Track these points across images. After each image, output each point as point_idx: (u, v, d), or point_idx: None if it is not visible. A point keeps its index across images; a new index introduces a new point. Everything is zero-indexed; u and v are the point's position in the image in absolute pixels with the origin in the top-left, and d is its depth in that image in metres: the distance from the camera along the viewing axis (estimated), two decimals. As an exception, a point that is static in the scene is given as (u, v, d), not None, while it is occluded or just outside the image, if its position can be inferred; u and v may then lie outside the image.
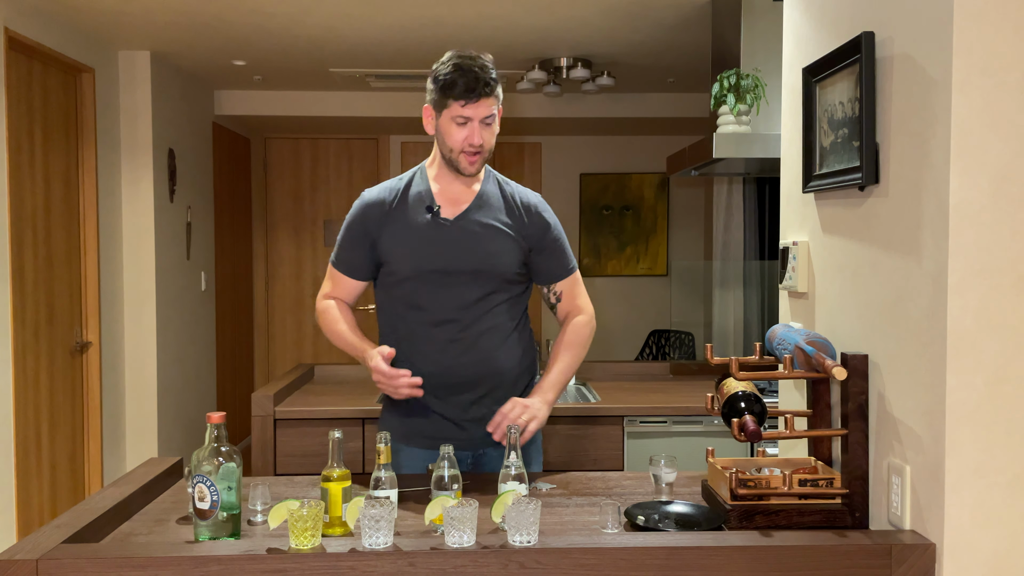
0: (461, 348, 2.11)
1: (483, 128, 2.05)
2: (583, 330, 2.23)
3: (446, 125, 2.06)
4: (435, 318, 2.11)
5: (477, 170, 2.10)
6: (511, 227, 2.14)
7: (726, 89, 3.16)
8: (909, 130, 1.60)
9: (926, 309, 1.54)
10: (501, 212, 2.15)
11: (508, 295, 2.16)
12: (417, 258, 2.10)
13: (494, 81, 2.03)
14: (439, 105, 2.06)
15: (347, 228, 2.18)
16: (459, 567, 1.50)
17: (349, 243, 2.17)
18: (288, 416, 3.11)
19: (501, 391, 2.15)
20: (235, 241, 6.28)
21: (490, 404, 2.13)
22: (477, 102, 2.01)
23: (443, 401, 2.13)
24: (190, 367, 5.21)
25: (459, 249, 2.10)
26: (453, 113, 2.03)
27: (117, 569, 1.48)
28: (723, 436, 3.11)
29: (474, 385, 2.13)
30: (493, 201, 2.16)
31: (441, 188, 2.14)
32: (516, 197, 2.18)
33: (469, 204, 2.14)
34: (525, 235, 2.15)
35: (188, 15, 3.94)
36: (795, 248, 2.09)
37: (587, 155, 6.89)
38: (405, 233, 2.11)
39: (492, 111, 2.05)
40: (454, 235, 2.11)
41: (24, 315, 3.68)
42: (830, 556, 1.53)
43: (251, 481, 1.93)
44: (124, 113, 4.60)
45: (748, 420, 1.69)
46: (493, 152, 2.13)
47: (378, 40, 4.40)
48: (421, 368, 2.08)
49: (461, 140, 2.05)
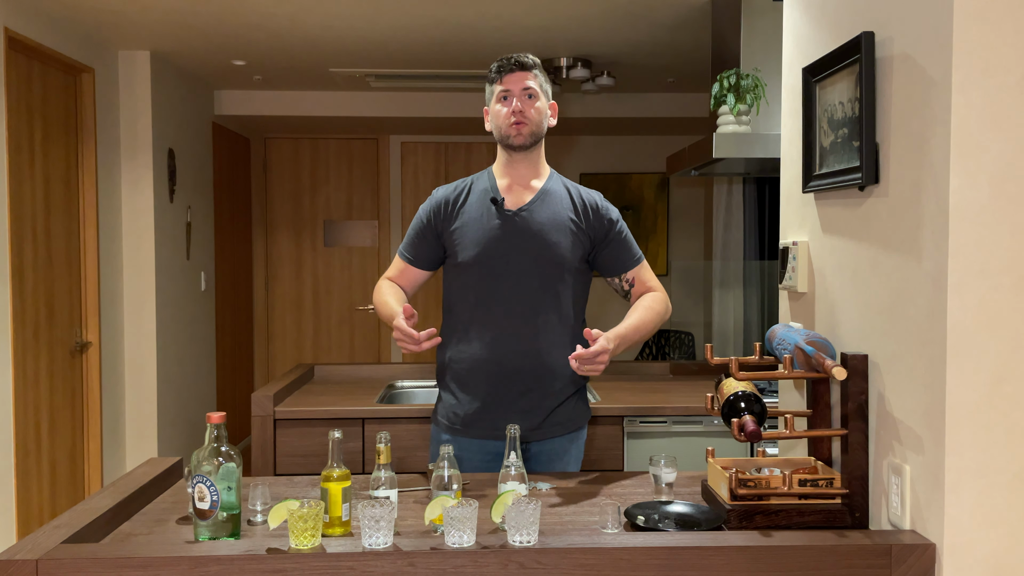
0: (515, 338, 2.18)
1: (524, 99, 2.18)
2: (659, 302, 2.29)
3: (493, 109, 2.24)
4: (492, 306, 2.20)
5: (525, 141, 2.20)
6: (575, 221, 2.23)
7: (726, 89, 3.16)
8: (909, 130, 1.60)
9: (926, 309, 1.54)
10: (565, 207, 2.24)
11: (567, 290, 2.22)
12: (479, 246, 2.19)
13: (531, 61, 2.21)
14: (488, 97, 2.26)
15: (415, 220, 2.33)
16: (459, 567, 1.50)
17: (415, 234, 2.31)
18: (288, 416, 3.11)
19: (549, 385, 2.20)
20: (235, 241, 6.27)
21: (538, 399, 2.19)
22: (511, 74, 2.19)
23: (492, 389, 2.19)
24: (190, 367, 5.21)
25: (520, 239, 2.19)
26: (496, 93, 2.22)
27: (117, 569, 1.48)
28: (723, 436, 3.11)
29: (523, 376, 2.18)
30: (557, 196, 2.25)
31: (507, 183, 2.26)
32: (580, 194, 2.29)
33: (532, 197, 2.23)
34: (589, 231, 2.24)
35: (188, 15, 3.94)
36: (795, 248, 2.09)
37: (587, 155, 6.89)
38: (469, 223, 2.22)
39: (528, 84, 2.19)
40: (516, 225, 2.20)
41: (24, 315, 3.68)
42: (830, 556, 1.53)
43: (251, 481, 1.93)
44: (124, 113, 4.60)
45: (748, 420, 1.69)
46: (543, 135, 2.24)
47: (378, 40, 4.40)
48: (474, 354, 2.19)
49: (505, 114, 2.19)
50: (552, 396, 2.22)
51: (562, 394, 2.24)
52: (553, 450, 2.25)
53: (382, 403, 3.30)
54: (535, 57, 2.23)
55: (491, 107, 2.24)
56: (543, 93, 2.22)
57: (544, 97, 2.22)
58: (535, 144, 2.23)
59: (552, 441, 2.24)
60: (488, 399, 2.20)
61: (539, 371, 2.19)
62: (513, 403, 2.19)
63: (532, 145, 2.22)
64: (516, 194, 2.24)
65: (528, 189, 2.25)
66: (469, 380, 2.22)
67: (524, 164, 2.24)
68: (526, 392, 2.20)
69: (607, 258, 2.28)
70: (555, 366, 2.20)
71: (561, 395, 2.23)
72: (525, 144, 2.20)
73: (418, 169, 6.82)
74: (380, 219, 6.80)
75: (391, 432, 2.43)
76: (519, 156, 2.23)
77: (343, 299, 6.85)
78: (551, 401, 2.22)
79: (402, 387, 3.67)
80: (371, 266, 6.85)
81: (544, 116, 2.23)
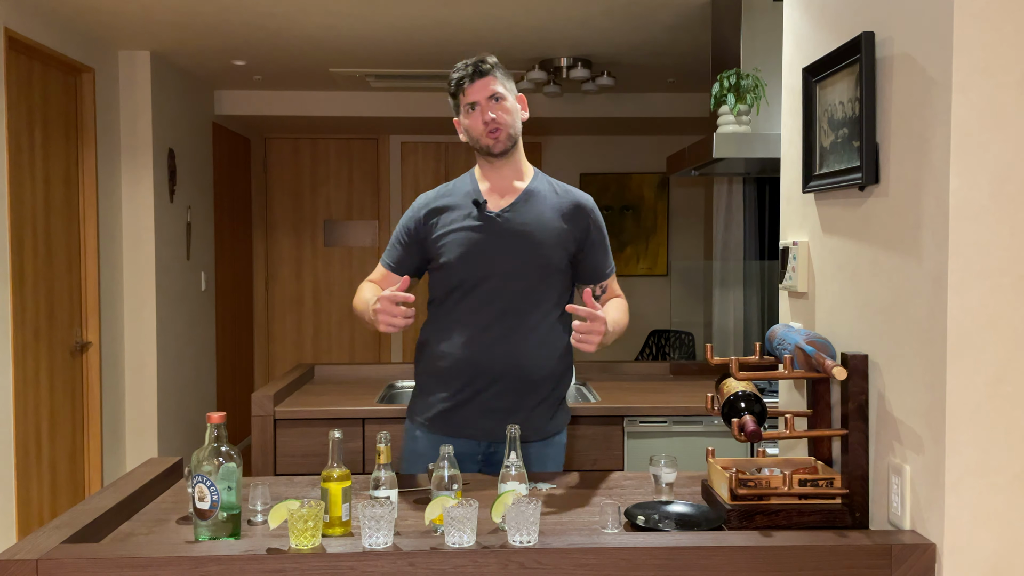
0: (495, 339, 2.16)
1: (493, 106, 2.15)
2: (623, 304, 2.31)
3: (464, 119, 2.19)
4: (474, 307, 2.18)
5: (504, 147, 2.17)
6: (559, 221, 2.20)
7: (726, 89, 3.16)
8: (909, 130, 1.60)
9: (926, 309, 1.54)
10: (550, 207, 2.22)
11: (552, 292, 2.20)
12: (462, 248, 2.17)
13: (488, 64, 2.16)
14: (455, 109, 2.22)
15: (398, 228, 2.30)
16: (459, 567, 1.50)
17: (397, 242, 2.29)
18: (288, 416, 3.11)
19: (526, 389, 2.18)
20: (235, 241, 6.27)
21: (513, 401, 2.17)
22: (474, 84, 2.14)
23: (468, 389, 2.18)
24: (190, 367, 5.21)
25: (503, 240, 2.17)
26: (462, 105, 2.18)
27: (117, 569, 1.48)
28: (723, 436, 3.10)
29: (500, 378, 2.16)
30: (541, 197, 2.23)
31: (489, 185, 2.24)
32: (566, 194, 2.26)
33: (516, 198, 2.21)
34: (574, 232, 2.21)
35: (188, 15, 3.94)
36: (795, 248, 2.09)
37: (587, 155, 6.89)
38: (453, 227, 2.20)
39: (495, 89, 2.15)
40: (499, 227, 2.18)
41: (24, 315, 3.68)
42: (830, 556, 1.53)
43: (251, 481, 1.93)
44: (124, 113, 4.60)
45: (748, 420, 1.69)
46: (520, 133, 2.21)
47: (378, 40, 4.40)
48: (453, 352, 2.17)
49: (478, 124, 2.16)
50: (528, 399, 2.18)
51: (538, 398, 2.20)
52: (528, 455, 2.19)
53: (382, 403, 3.30)
54: (491, 56, 2.18)
55: (461, 119, 2.20)
56: (508, 92, 2.18)
57: (510, 96, 2.18)
58: (514, 146, 2.20)
59: (527, 446, 2.19)
60: (462, 398, 2.18)
61: (517, 373, 2.16)
62: (487, 404, 2.17)
63: (512, 147, 2.20)
64: (499, 196, 2.21)
65: (511, 191, 2.22)
66: (446, 378, 2.20)
67: (506, 167, 2.22)
68: (502, 394, 2.17)
69: (584, 263, 2.25)
70: (534, 369, 2.18)
71: (537, 399, 2.20)
72: (505, 149, 2.18)
73: (418, 169, 6.82)
74: (380, 219, 6.80)
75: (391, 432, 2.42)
76: (500, 161, 2.20)
77: (343, 299, 6.85)
78: (527, 404, 2.19)
79: (402, 387, 3.67)
80: (371, 266, 6.82)
81: (516, 115, 2.19)
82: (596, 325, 1.95)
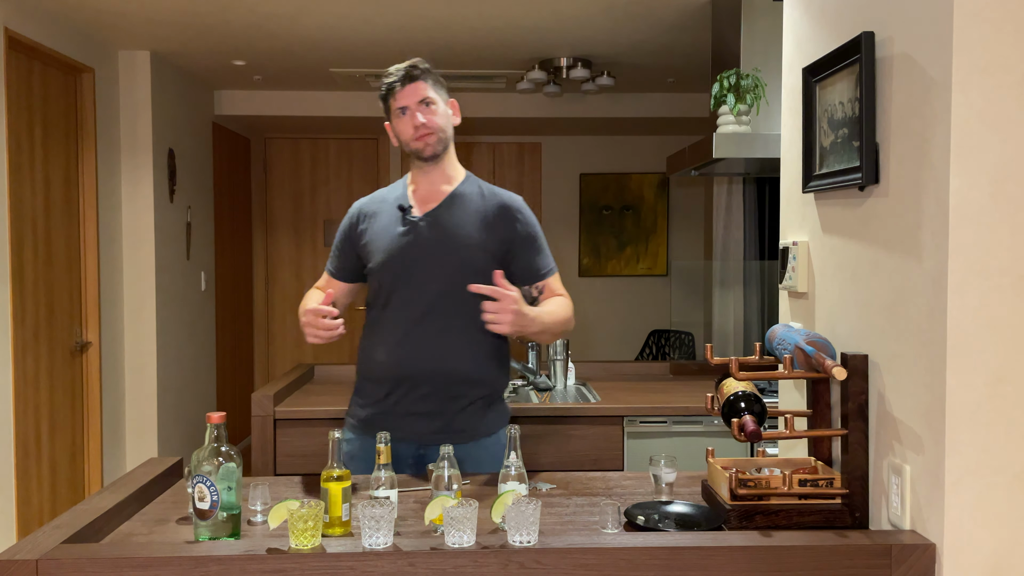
0: (418, 343, 2.18)
1: (423, 110, 2.18)
2: (566, 307, 2.27)
3: (395, 124, 2.24)
4: (398, 310, 2.21)
5: (434, 151, 2.20)
6: (483, 225, 2.21)
7: (726, 89, 3.16)
8: (909, 130, 1.60)
9: (926, 309, 1.54)
10: (474, 210, 2.23)
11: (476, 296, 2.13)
12: (384, 253, 2.21)
13: (420, 69, 2.19)
14: (386, 113, 2.26)
15: (337, 233, 2.37)
16: (459, 567, 1.50)
17: (337, 247, 2.36)
18: (288, 416, 3.11)
19: (452, 391, 2.19)
20: (235, 241, 6.27)
21: (439, 403, 2.19)
22: (404, 89, 2.18)
23: (393, 392, 2.20)
24: (190, 367, 5.21)
25: (424, 244, 2.19)
26: (393, 109, 2.22)
27: (117, 569, 1.48)
28: (723, 436, 3.10)
29: (424, 380, 2.18)
30: (467, 200, 2.25)
31: (416, 189, 2.28)
32: (493, 197, 2.27)
33: (440, 202, 2.23)
34: (498, 234, 2.22)
35: (188, 15, 3.94)
36: (795, 248, 2.09)
37: (587, 155, 6.89)
38: (379, 232, 2.24)
39: (425, 94, 2.18)
40: (421, 231, 2.21)
41: (24, 315, 3.68)
42: (830, 556, 1.53)
43: (251, 481, 1.93)
44: (124, 113, 4.60)
45: (748, 420, 1.69)
46: (451, 138, 2.24)
47: (378, 40, 4.40)
48: (378, 356, 2.22)
49: (408, 128, 2.19)
50: (457, 401, 2.19)
51: (465, 400, 2.20)
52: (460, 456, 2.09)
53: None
54: (423, 62, 2.21)
55: (393, 124, 2.24)
56: (439, 97, 2.21)
57: (441, 101, 2.21)
58: (445, 150, 2.23)
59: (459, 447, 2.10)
60: (389, 401, 2.21)
61: (443, 376, 2.18)
62: (413, 406, 2.19)
63: (443, 152, 2.22)
64: (426, 200, 2.24)
65: (439, 194, 2.24)
66: (374, 381, 2.24)
67: (435, 171, 2.24)
68: (427, 396, 2.18)
69: (517, 264, 2.24)
70: (461, 371, 2.19)
71: (464, 401, 2.20)
72: (436, 153, 2.20)
73: (418, 169, 6.82)
74: (380, 219, 6.80)
75: (391, 432, 2.43)
76: (429, 166, 2.23)
77: (343, 299, 6.84)
78: (453, 406, 2.19)
79: (402, 387, 3.66)
80: (371, 266, 6.85)
81: (447, 119, 2.22)
82: (505, 304, 1.96)
